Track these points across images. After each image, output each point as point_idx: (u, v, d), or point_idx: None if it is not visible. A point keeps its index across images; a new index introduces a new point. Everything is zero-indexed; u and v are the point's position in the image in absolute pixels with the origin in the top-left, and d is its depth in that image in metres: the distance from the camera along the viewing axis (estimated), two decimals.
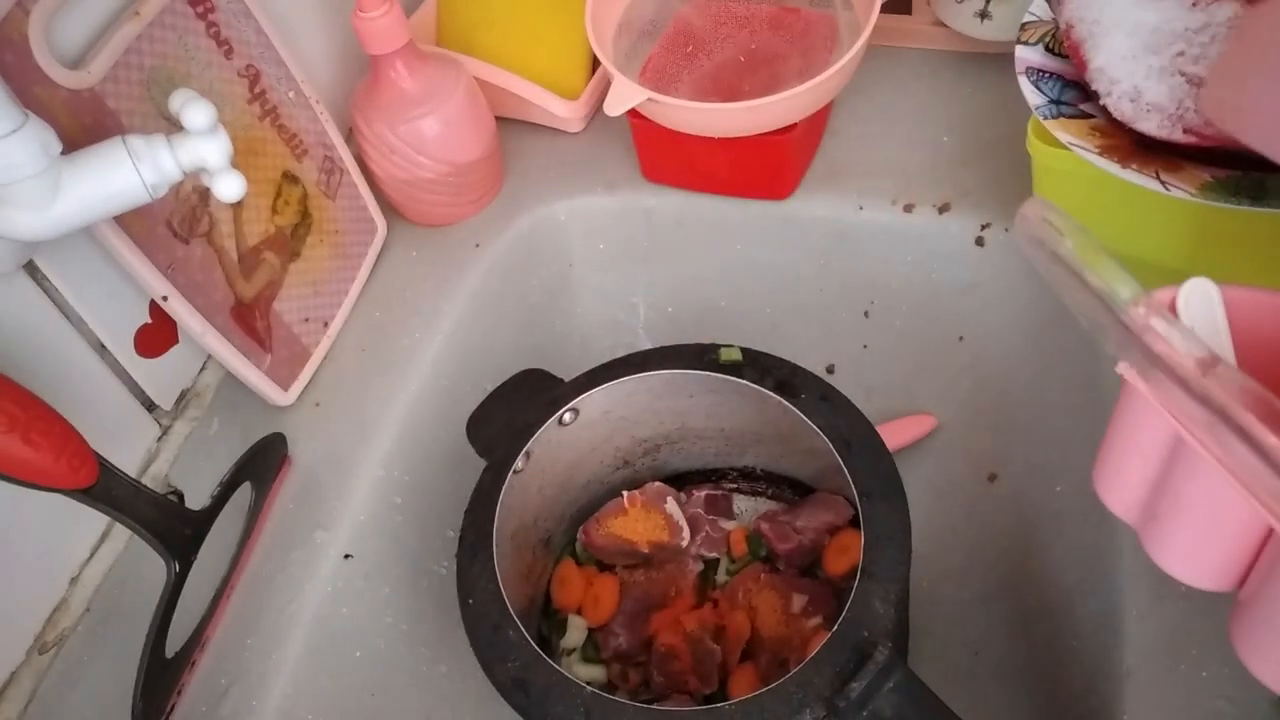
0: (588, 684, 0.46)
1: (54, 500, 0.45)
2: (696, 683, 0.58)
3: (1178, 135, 0.47)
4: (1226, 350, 0.33)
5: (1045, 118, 0.50)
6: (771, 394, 0.55)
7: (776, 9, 0.68)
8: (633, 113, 0.63)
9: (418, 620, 0.61)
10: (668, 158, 0.69)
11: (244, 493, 0.57)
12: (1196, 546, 0.32)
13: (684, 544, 0.63)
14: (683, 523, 0.64)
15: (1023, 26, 0.55)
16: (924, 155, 0.68)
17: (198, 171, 0.47)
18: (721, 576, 0.64)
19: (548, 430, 0.57)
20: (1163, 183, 0.46)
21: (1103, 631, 0.50)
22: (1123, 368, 0.32)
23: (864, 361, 0.72)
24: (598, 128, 0.75)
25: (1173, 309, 0.33)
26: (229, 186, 0.47)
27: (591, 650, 0.62)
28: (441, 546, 0.63)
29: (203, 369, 0.65)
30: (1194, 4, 0.49)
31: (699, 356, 0.58)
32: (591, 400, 0.58)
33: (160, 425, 0.62)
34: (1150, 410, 0.32)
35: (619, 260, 0.74)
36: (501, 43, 0.72)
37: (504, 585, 0.51)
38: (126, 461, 0.59)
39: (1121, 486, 0.35)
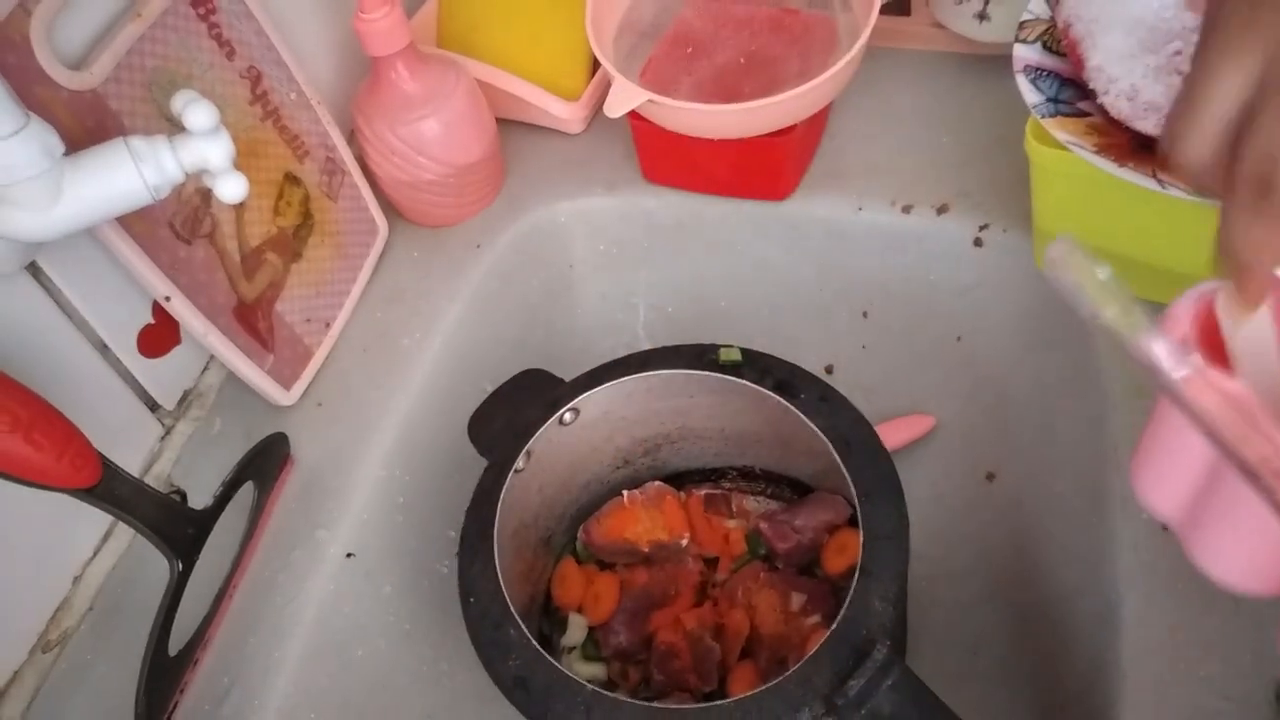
0: (588, 682, 0.47)
1: (57, 500, 0.46)
2: (696, 681, 0.58)
3: None
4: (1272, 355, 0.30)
5: (1043, 116, 0.51)
6: (771, 394, 0.55)
7: (776, 11, 0.68)
8: (633, 114, 0.63)
9: (419, 619, 0.61)
10: (668, 159, 0.69)
11: (246, 492, 0.57)
12: (1247, 556, 0.31)
13: (684, 543, 0.63)
14: (683, 522, 0.64)
15: (1021, 24, 0.55)
16: (923, 156, 0.68)
17: (200, 173, 0.47)
18: (721, 575, 0.64)
19: (548, 430, 0.58)
20: (1160, 181, 0.46)
21: (1101, 631, 0.50)
22: (1161, 388, 0.31)
23: (863, 361, 0.72)
24: (598, 129, 0.75)
25: (1210, 315, 0.31)
26: (231, 188, 0.48)
27: (592, 648, 0.62)
28: (443, 546, 0.63)
29: (205, 369, 0.65)
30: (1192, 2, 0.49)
31: (699, 356, 0.58)
32: (592, 400, 0.59)
33: (163, 425, 0.62)
34: (1190, 429, 0.30)
35: (619, 261, 0.74)
36: (502, 44, 0.72)
37: (505, 584, 0.51)
38: (129, 461, 0.59)
39: (1164, 490, 0.34)
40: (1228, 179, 0.28)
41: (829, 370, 0.73)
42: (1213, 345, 0.31)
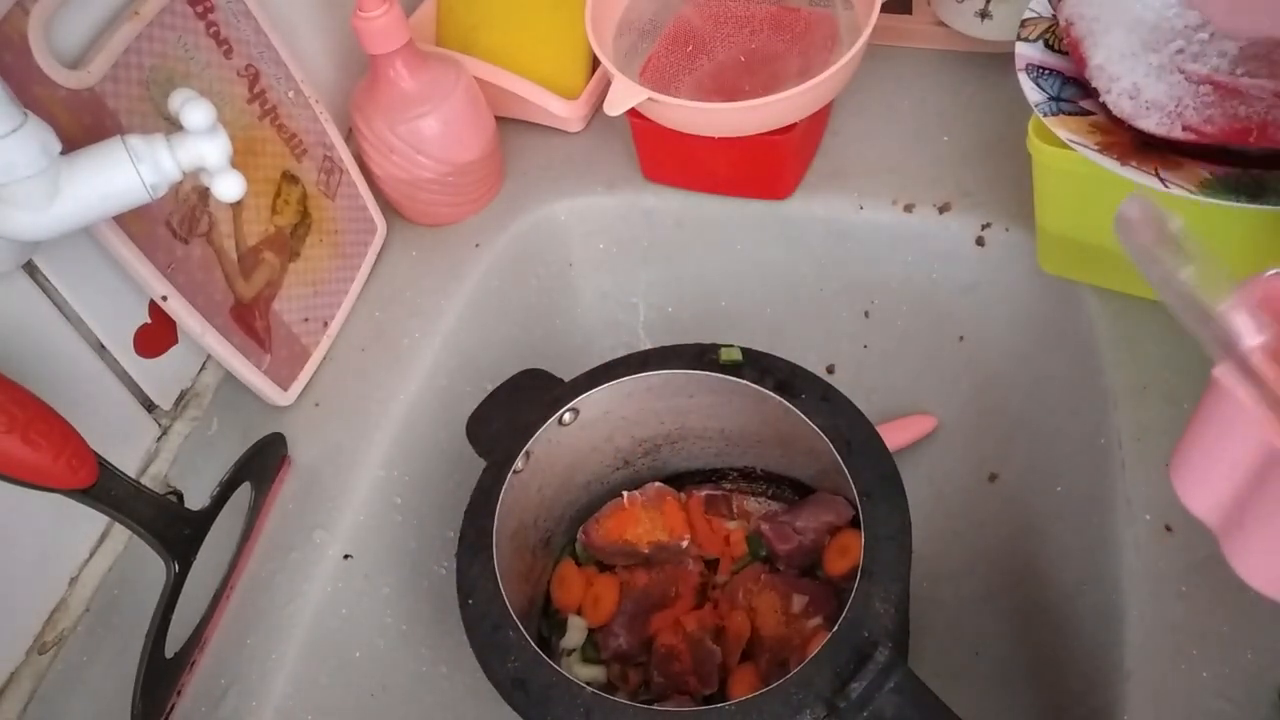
0: (587, 684, 0.46)
1: (53, 500, 0.45)
2: (696, 683, 0.58)
3: (1177, 132, 0.47)
4: None
5: (1045, 114, 0.50)
6: (772, 394, 0.55)
7: (777, 9, 0.68)
8: (633, 112, 0.63)
9: (417, 620, 0.60)
10: (668, 157, 0.69)
11: (243, 493, 0.57)
12: None
13: (684, 544, 0.63)
14: (683, 523, 0.64)
15: (1023, 23, 0.55)
16: (924, 155, 0.68)
17: (197, 171, 0.47)
18: (721, 577, 0.64)
19: (548, 430, 0.57)
20: (1162, 180, 0.46)
21: (1103, 632, 0.50)
22: (1220, 372, 0.30)
23: (864, 361, 0.72)
24: (598, 127, 0.75)
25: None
26: (229, 186, 0.47)
27: (591, 651, 0.62)
28: (441, 546, 0.63)
29: (202, 369, 0.65)
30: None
31: (699, 356, 0.57)
32: (591, 400, 0.58)
33: (160, 425, 0.62)
34: (1244, 420, 0.30)
35: (619, 260, 0.74)
36: (501, 42, 0.72)
37: (504, 585, 0.51)
38: (126, 462, 0.59)
39: (1205, 490, 0.33)
40: None
41: (830, 370, 0.73)
42: None
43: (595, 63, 0.74)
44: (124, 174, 0.44)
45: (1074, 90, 0.52)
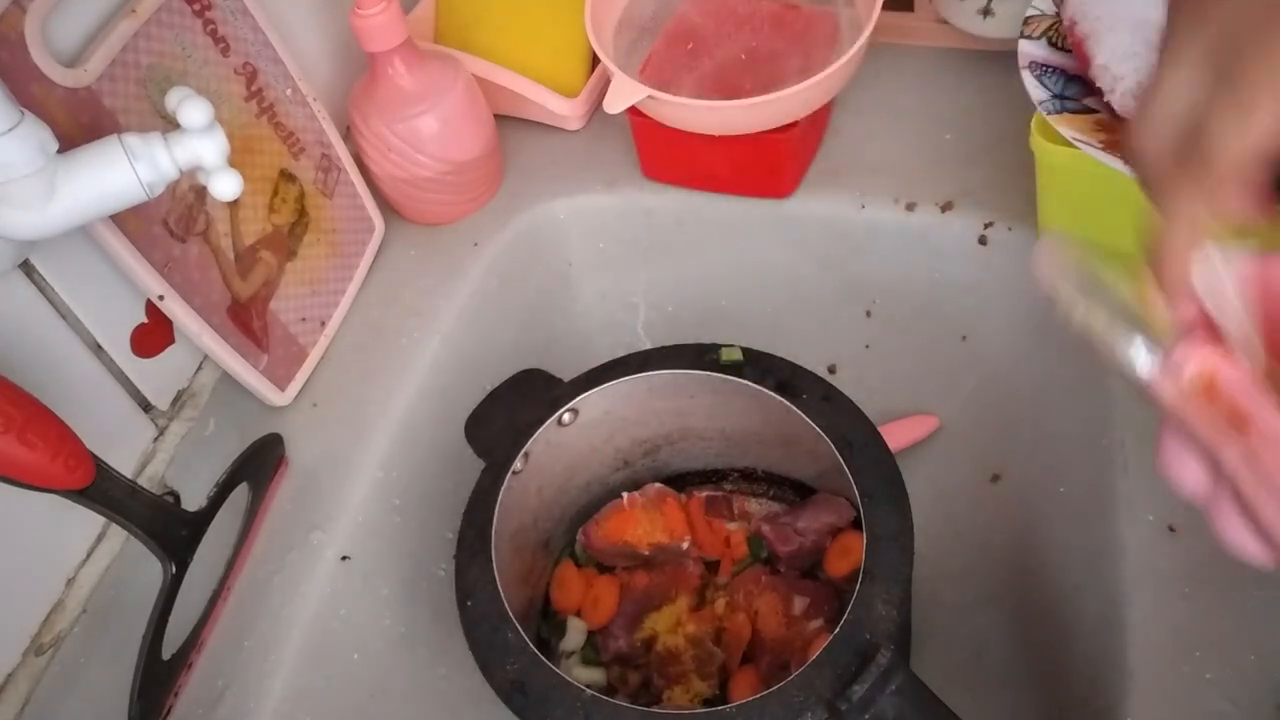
0: (587, 687, 0.46)
1: (50, 501, 0.45)
2: (697, 685, 0.57)
3: None
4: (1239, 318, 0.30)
5: (1048, 113, 0.50)
6: (772, 394, 0.55)
7: (778, 6, 0.68)
8: (633, 110, 0.63)
9: (416, 622, 0.60)
10: (668, 156, 0.68)
11: (241, 493, 0.56)
12: None
13: (684, 546, 0.63)
14: (683, 524, 0.64)
15: (1026, 20, 0.54)
16: (926, 153, 0.67)
17: (194, 170, 0.46)
18: (722, 578, 0.63)
19: (547, 431, 0.57)
20: None
21: (1105, 633, 0.50)
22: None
23: (866, 361, 0.72)
24: (597, 125, 0.75)
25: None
26: (226, 185, 0.47)
27: (591, 653, 0.62)
28: (440, 548, 0.63)
29: (199, 369, 0.64)
30: None
31: (699, 356, 0.57)
32: (591, 400, 0.58)
33: (156, 426, 0.62)
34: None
35: (619, 260, 0.74)
36: (500, 40, 0.72)
37: (503, 587, 0.50)
38: (123, 462, 0.59)
39: (1186, 468, 0.33)
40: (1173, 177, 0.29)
41: (831, 370, 0.73)
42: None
43: (595, 60, 0.74)
44: (121, 172, 0.44)
45: (1077, 88, 0.52)
